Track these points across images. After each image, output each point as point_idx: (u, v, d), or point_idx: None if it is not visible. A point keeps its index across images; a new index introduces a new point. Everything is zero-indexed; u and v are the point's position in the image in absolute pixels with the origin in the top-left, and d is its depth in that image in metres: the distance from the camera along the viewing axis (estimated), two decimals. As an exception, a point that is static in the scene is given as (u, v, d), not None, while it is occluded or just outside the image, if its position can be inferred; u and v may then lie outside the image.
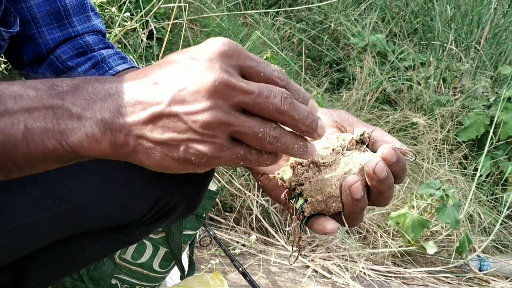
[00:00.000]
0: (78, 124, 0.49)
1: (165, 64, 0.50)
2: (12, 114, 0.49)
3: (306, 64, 3.18)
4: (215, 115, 0.48)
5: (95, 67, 0.89)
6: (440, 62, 3.05)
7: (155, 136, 0.49)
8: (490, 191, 2.59)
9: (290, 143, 0.52)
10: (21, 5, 0.84)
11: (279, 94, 0.50)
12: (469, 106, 2.83)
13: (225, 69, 0.48)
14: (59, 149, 0.50)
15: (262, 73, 0.51)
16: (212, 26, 2.91)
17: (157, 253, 1.16)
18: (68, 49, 0.89)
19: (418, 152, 2.69)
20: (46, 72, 0.90)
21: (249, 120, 0.49)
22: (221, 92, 0.47)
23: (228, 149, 0.50)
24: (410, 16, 3.50)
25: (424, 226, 2.08)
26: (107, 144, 0.50)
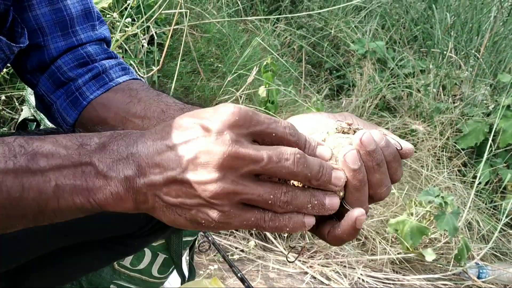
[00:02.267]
0: (104, 182, 0.53)
1: (180, 128, 0.53)
2: (44, 173, 0.53)
3: (306, 71, 3.20)
4: (222, 186, 0.50)
5: (96, 78, 0.89)
6: (439, 70, 3.06)
7: (169, 199, 0.52)
8: (489, 199, 2.59)
9: (303, 204, 0.53)
10: (28, 14, 0.85)
11: (291, 156, 0.51)
12: (469, 113, 2.84)
13: (235, 140, 0.50)
14: (86, 205, 0.54)
15: (274, 133, 0.52)
16: (212, 32, 2.92)
17: (156, 259, 1.16)
18: (69, 59, 0.89)
19: (417, 159, 2.70)
20: (47, 83, 0.90)
21: (258, 188, 0.51)
22: (229, 164, 0.50)
23: (237, 216, 0.52)
24: (410, 23, 3.51)
25: (422, 233, 2.08)
26: (130, 201, 0.54)
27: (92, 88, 0.88)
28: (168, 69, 2.73)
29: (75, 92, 0.88)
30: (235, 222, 0.52)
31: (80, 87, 0.88)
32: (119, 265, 1.15)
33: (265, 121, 0.52)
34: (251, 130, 0.51)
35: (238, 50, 2.90)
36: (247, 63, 2.82)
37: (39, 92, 0.91)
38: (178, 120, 0.53)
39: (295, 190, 0.53)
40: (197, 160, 0.50)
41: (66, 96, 0.89)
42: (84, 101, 0.88)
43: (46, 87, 0.90)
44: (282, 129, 0.52)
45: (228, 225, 0.52)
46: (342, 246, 2.14)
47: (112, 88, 0.88)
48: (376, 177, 0.57)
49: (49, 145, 0.54)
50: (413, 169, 2.63)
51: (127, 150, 0.53)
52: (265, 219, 0.52)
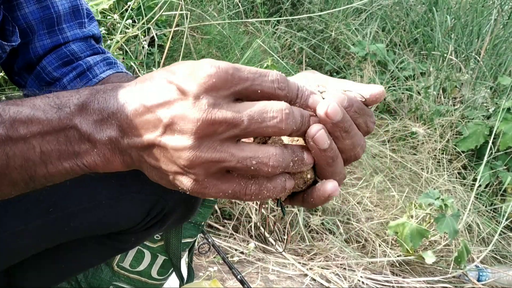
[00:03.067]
0: (89, 145, 0.51)
1: (157, 86, 0.50)
2: (27, 140, 0.51)
3: (307, 73, 3.19)
4: (197, 154, 0.47)
5: (80, 76, 0.88)
6: (440, 72, 3.06)
7: (151, 161, 0.51)
8: (489, 201, 2.59)
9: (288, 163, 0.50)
10: (17, 13, 0.84)
11: (279, 113, 0.48)
12: (469, 116, 2.84)
13: (213, 103, 0.47)
14: (76, 168, 0.52)
15: (259, 90, 0.49)
16: (213, 34, 2.92)
17: (156, 261, 1.16)
18: (53, 59, 0.88)
19: (417, 161, 2.70)
20: (34, 84, 0.89)
21: (239, 152, 0.48)
22: (205, 131, 0.47)
23: (212, 186, 0.49)
24: (410, 26, 3.51)
25: (422, 236, 2.08)
26: (118, 162, 0.52)
27: (76, 87, 0.85)
28: (168, 71, 2.73)
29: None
30: (210, 192, 0.50)
31: (65, 86, 0.88)
32: (118, 266, 1.15)
33: (249, 77, 0.48)
34: (233, 90, 0.48)
35: (239, 52, 2.91)
36: (247, 65, 2.82)
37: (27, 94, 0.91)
38: (155, 76, 0.51)
39: (283, 150, 0.49)
40: (173, 125, 0.48)
41: None
42: None
43: (33, 88, 0.90)
44: (269, 83, 0.48)
45: (202, 194, 0.50)
46: (342, 249, 2.14)
47: (95, 84, 0.87)
48: (346, 143, 0.53)
49: (27, 109, 0.52)
50: (413, 171, 2.63)
51: (108, 108, 0.51)
52: (246, 189, 0.50)
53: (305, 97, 0.51)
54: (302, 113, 0.50)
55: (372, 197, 2.41)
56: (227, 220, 2.09)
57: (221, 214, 2.10)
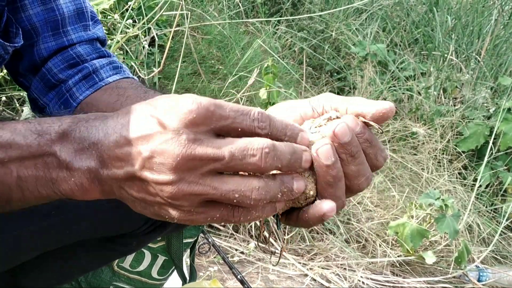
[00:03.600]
0: (67, 174, 0.51)
1: (139, 119, 0.50)
2: (5, 164, 0.51)
3: (307, 73, 3.20)
4: (179, 188, 0.48)
5: (86, 78, 0.88)
6: (440, 72, 3.06)
7: (132, 193, 0.51)
8: (489, 202, 2.59)
9: (275, 195, 0.50)
10: (21, 15, 0.84)
11: (258, 152, 0.48)
12: (469, 116, 2.84)
13: (193, 139, 0.47)
14: (52, 195, 0.53)
15: (239, 128, 0.49)
16: (213, 34, 2.92)
17: (156, 261, 1.16)
18: (59, 61, 0.88)
19: (418, 161, 2.70)
20: (39, 85, 0.89)
21: (221, 186, 0.48)
22: (185, 166, 0.47)
23: (200, 213, 0.50)
24: (411, 26, 3.51)
25: (423, 236, 2.08)
26: (96, 192, 0.52)
27: (82, 89, 0.87)
28: (169, 71, 2.74)
29: (66, 93, 0.88)
30: (199, 219, 0.50)
31: (70, 88, 0.88)
32: (118, 266, 1.15)
33: (230, 115, 0.48)
34: (213, 126, 0.48)
35: (239, 52, 2.90)
36: (248, 65, 2.83)
37: (32, 95, 0.90)
38: (137, 109, 0.51)
39: (267, 183, 0.49)
40: (152, 159, 0.48)
41: (57, 99, 0.89)
42: (74, 102, 0.87)
43: (38, 90, 0.90)
44: (249, 122, 0.49)
45: (191, 221, 0.51)
46: (342, 249, 2.14)
47: (102, 87, 0.87)
48: (351, 168, 0.53)
49: (7, 134, 0.52)
50: (413, 171, 2.63)
51: (89, 138, 0.51)
52: (234, 214, 0.50)
53: (294, 134, 0.51)
54: (294, 149, 0.50)
55: (373, 197, 2.41)
56: (227, 220, 2.09)
57: (222, 214, 2.10)
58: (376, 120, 0.55)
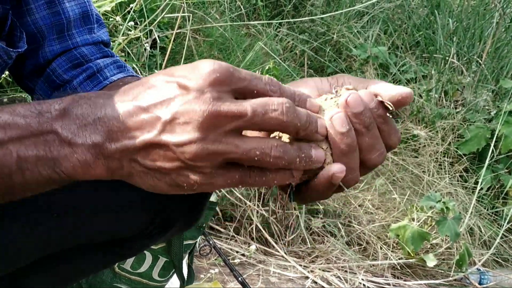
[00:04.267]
0: (69, 150, 0.50)
1: (154, 87, 0.50)
2: (4, 144, 0.50)
3: (308, 75, 3.20)
4: (203, 147, 0.47)
5: (90, 78, 0.88)
6: (441, 75, 3.07)
7: (146, 163, 0.49)
8: (490, 205, 2.59)
9: (293, 159, 0.50)
10: (27, 18, 0.84)
11: (280, 106, 0.49)
12: (470, 119, 2.84)
13: (216, 97, 0.47)
14: (54, 176, 0.51)
15: (255, 90, 0.50)
16: (215, 36, 2.93)
17: (157, 262, 1.16)
18: (63, 61, 0.88)
19: (419, 164, 2.70)
20: (44, 87, 0.89)
21: (243, 145, 0.48)
22: (211, 123, 0.47)
23: (220, 175, 0.49)
24: (412, 29, 3.52)
25: (424, 239, 2.08)
26: (101, 169, 0.50)
27: (87, 89, 0.87)
28: (170, 73, 2.74)
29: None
30: (218, 182, 0.50)
31: (75, 88, 0.87)
32: (119, 268, 1.15)
33: (247, 77, 0.49)
34: (233, 87, 0.49)
35: (241, 54, 2.91)
36: (249, 67, 2.83)
37: (37, 97, 0.90)
38: (150, 79, 0.50)
39: (285, 144, 0.50)
40: (175, 120, 0.47)
41: None
42: None
43: (43, 91, 0.90)
44: (263, 85, 0.50)
45: (211, 185, 0.50)
46: (343, 251, 2.14)
47: (106, 86, 0.87)
48: (365, 140, 0.53)
49: (6, 115, 0.50)
50: (414, 174, 2.63)
51: (93, 114, 0.49)
52: (251, 175, 0.50)
53: (302, 100, 0.52)
54: (309, 113, 0.51)
55: (374, 200, 2.41)
56: (228, 222, 2.09)
57: (222, 216, 2.10)
58: (394, 103, 0.55)
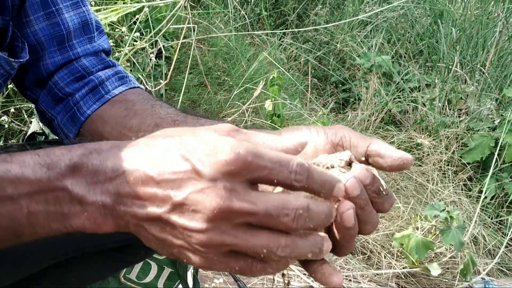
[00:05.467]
0: (80, 208, 0.50)
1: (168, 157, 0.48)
2: (15, 200, 0.50)
3: (312, 84, 3.22)
4: (210, 238, 0.47)
5: (92, 91, 0.88)
6: (445, 84, 3.07)
7: (153, 232, 0.49)
8: (495, 213, 2.59)
9: (302, 254, 0.49)
10: (26, 30, 0.84)
11: (292, 212, 0.47)
12: (474, 128, 2.84)
13: (229, 189, 0.46)
14: (63, 230, 0.51)
15: (275, 180, 0.48)
16: (220, 45, 2.95)
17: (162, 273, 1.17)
18: (64, 74, 0.89)
19: (423, 173, 2.70)
20: (46, 99, 0.90)
21: (251, 240, 0.47)
22: (220, 216, 0.46)
23: (222, 262, 0.49)
24: (415, 38, 3.53)
25: (428, 248, 2.08)
26: (109, 226, 0.51)
27: (89, 103, 0.87)
28: (175, 82, 2.76)
29: (73, 107, 0.88)
30: (218, 267, 0.49)
31: (77, 101, 0.88)
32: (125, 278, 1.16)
33: (267, 166, 0.47)
34: (250, 177, 0.47)
35: (245, 63, 2.93)
36: (253, 76, 2.85)
37: (40, 108, 0.91)
38: (165, 144, 0.49)
39: (294, 239, 0.48)
40: (185, 206, 0.46)
41: (65, 112, 0.89)
42: (82, 116, 0.87)
43: (45, 103, 0.90)
44: (286, 174, 0.47)
45: (210, 268, 0.50)
46: (348, 260, 2.14)
47: (109, 100, 0.87)
48: (359, 217, 0.54)
49: (16, 167, 0.50)
50: (418, 183, 2.63)
51: (104, 173, 0.49)
52: (252, 267, 0.49)
53: (330, 189, 0.50)
54: (329, 209, 0.49)
55: (378, 209, 2.41)
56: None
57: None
58: (393, 167, 0.57)
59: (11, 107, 2.10)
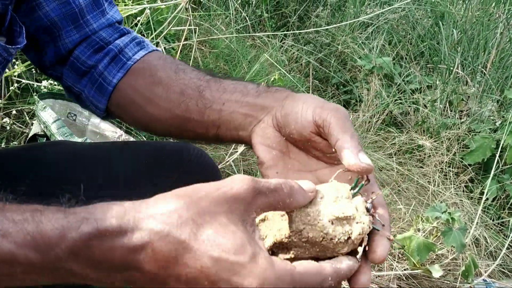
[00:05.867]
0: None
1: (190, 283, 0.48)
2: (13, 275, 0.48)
3: (313, 86, 3.22)
4: None
5: (114, 60, 0.90)
6: (446, 85, 3.07)
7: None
8: (496, 215, 2.58)
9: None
10: (38, 13, 0.86)
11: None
12: (475, 129, 2.84)
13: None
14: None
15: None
16: (221, 47, 2.95)
17: None
18: (84, 48, 0.90)
19: (424, 174, 2.70)
20: (70, 74, 0.91)
21: None
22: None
23: None
24: (416, 39, 3.53)
25: (429, 249, 2.07)
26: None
27: (113, 72, 0.89)
28: (176, 84, 2.76)
29: (99, 78, 0.90)
30: None
31: (102, 72, 0.90)
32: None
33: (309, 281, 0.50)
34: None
35: (246, 65, 2.93)
36: (255, 78, 2.85)
37: (66, 84, 0.93)
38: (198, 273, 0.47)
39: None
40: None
41: (91, 84, 0.91)
42: (109, 86, 0.89)
43: (70, 79, 0.92)
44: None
45: None
46: (349, 262, 2.14)
47: (132, 67, 0.89)
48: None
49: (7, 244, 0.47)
50: (419, 184, 2.63)
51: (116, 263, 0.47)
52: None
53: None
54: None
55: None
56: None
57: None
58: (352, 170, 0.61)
59: (12, 109, 2.11)
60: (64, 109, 1.82)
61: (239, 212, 0.49)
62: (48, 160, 0.92)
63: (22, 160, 0.91)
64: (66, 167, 0.92)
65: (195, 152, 0.98)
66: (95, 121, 1.88)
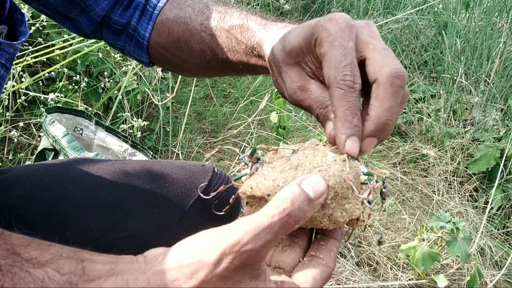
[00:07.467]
0: None
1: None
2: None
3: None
4: None
5: (143, 13, 0.94)
6: (450, 95, 3.08)
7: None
8: (501, 224, 2.58)
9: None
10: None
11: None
12: (479, 138, 2.85)
13: None
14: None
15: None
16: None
17: None
18: (115, 8, 0.95)
19: (428, 184, 2.70)
20: (109, 34, 0.96)
21: None
22: None
23: None
24: (420, 49, 3.55)
25: (434, 259, 2.08)
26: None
27: (144, 25, 0.94)
28: (182, 95, 2.79)
29: (134, 33, 0.95)
30: None
31: (135, 27, 0.94)
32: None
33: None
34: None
35: (250, 76, 2.95)
36: (259, 89, 2.87)
37: (108, 42, 0.98)
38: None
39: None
40: None
41: (129, 40, 0.96)
42: (144, 41, 0.94)
43: (110, 37, 0.97)
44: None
45: None
46: (354, 272, 2.14)
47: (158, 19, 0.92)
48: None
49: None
50: (424, 194, 2.63)
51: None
52: None
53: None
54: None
55: (383, 220, 2.42)
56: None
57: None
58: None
59: (20, 122, 2.13)
60: (71, 124, 1.83)
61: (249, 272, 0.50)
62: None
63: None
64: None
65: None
66: (101, 135, 1.89)
